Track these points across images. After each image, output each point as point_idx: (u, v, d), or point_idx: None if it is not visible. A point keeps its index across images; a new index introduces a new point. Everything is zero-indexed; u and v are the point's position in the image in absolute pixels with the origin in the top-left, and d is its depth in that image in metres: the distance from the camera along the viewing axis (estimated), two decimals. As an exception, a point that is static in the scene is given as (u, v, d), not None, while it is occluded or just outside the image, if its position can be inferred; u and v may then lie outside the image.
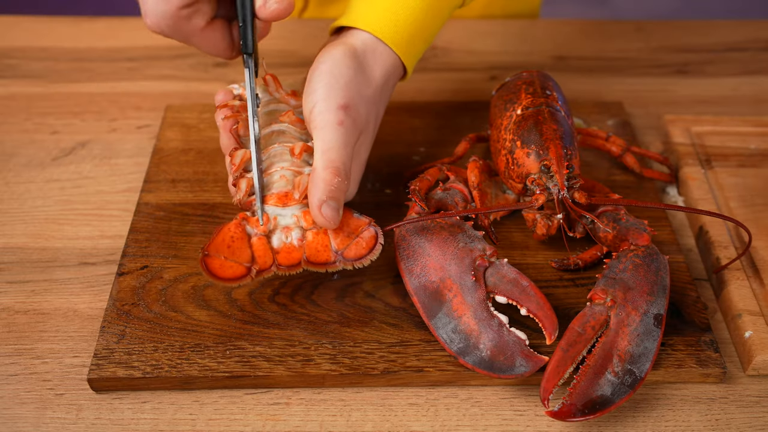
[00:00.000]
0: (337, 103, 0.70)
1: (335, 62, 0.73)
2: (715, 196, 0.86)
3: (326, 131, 0.69)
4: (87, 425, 0.66)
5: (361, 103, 0.72)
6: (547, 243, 0.80)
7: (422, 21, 0.77)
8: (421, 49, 0.80)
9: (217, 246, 0.65)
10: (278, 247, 0.66)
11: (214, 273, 0.64)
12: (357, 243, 0.67)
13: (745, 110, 1.03)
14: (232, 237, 0.65)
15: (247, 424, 0.66)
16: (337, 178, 0.68)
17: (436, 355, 0.69)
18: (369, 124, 0.75)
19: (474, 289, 0.69)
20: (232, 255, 0.64)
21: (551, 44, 1.16)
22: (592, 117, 0.98)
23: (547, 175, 0.75)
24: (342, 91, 0.71)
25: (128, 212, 0.84)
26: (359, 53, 0.74)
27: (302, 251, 0.66)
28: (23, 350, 0.71)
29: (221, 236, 0.65)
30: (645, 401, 0.69)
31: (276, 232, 0.66)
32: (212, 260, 0.64)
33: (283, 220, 0.67)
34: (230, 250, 0.65)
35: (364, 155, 0.76)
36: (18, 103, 1.01)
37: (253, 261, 0.65)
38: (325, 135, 0.69)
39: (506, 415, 0.67)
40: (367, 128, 0.74)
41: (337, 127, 0.69)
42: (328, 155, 0.68)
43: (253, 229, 0.66)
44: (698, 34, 1.18)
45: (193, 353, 0.69)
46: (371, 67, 0.75)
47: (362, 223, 0.67)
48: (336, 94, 0.71)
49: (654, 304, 0.69)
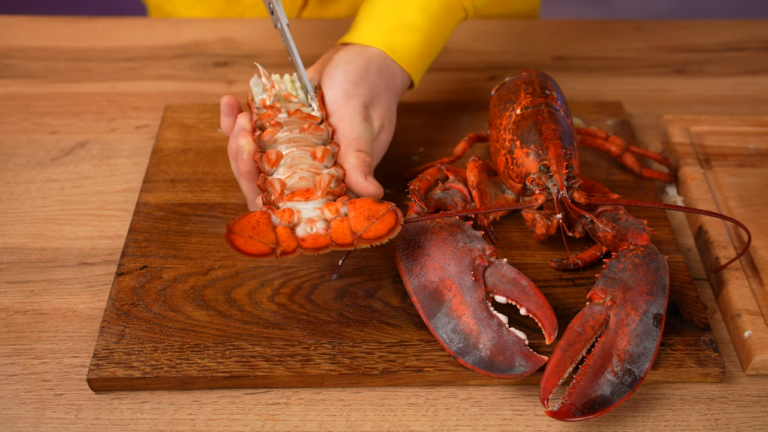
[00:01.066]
0: (362, 101, 0.76)
1: (362, 66, 0.78)
2: (715, 196, 0.86)
3: (353, 123, 0.75)
4: (86, 425, 0.66)
5: (381, 106, 0.79)
6: (547, 243, 0.80)
7: (430, 40, 0.83)
8: (428, 62, 0.86)
9: (242, 225, 0.65)
10: (303, 236, 0.66)
11: (239, 248, 0.63)
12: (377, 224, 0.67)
13: (744, 110, 1.03)
14: (258, 221, 0.65)
15: (247, 424, 0.66)
16: (368, 158, 0.74)
17: (435, 355, 0.69)
18: (386, 128, 0.80)
19: (473, 288, 0.69)
20: (257, 235, 0.64)
21: (551, 44, 1.16)
22: (591, 117, 0.98)
23: (546, 175, 0.75)
24: (369, 91, 0.77)
25: (127, 212, 0.84)
26: (380, 66, 0.80)
27: (328, 237, 0.66)
28: (23, 350, 0.71)
29: (247, 219, 0.65)
30: (644, 401, 0.69)
31: (300, 224, 0.66)
32: (237, 237, 0.64)
33: (306, 213, 0.67)
34: (255, 230, 0.64)
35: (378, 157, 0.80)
36: (17, 103, 1.01)
37: (277, 244, 0.64)
38: (353, 126, 0.75)
39: (506, 415, 0.67)
40: (384, 131, 0.79)
41: (363, 121, 0.76)
42: (357, 142, 0.74)
43: (278, 219, 0.66)
44: (698, 33, 1.19)
45: (193, 353, 0.69)
46: (388, 80, 0.80)
47: (383, 207, 0.67)
48: (363, 93, 0.77)
49: (653, 303, 0.69)
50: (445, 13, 0.84)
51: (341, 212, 0.67)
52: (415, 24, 0.82)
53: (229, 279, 0.76)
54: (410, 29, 0.82)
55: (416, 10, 0.82)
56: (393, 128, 0.81)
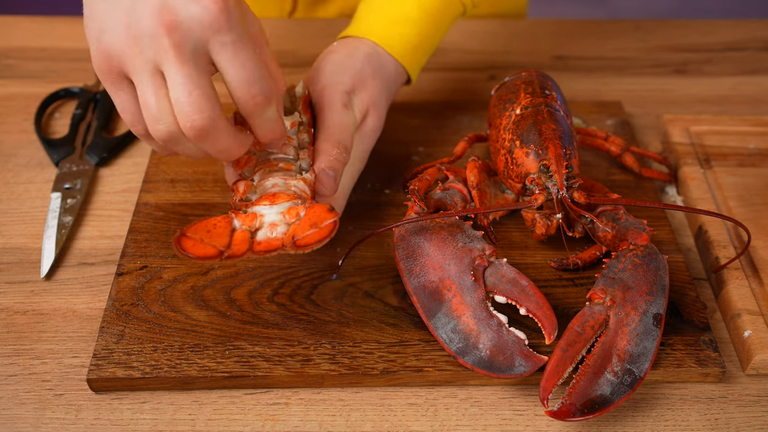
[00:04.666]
0: (344, 87, 0.76)
1: (346, 54, 0.79)
2: (714, 196, 0.86)
3: (331, 111, 0.75)
4: (86, 425, 0.66)
5: (365, 92, 0.78)
6: (547, 243, 0.80)
7: (426, 33, 0.84)
8: (424, 57, 0.86)
9: (196, 228, 0.65)
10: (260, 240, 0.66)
11: (184, 249, 0.63)
12: (313, 233, 0.66)
13: (743, 110, 1.03)
14: (215, 225, 0.65)
15: (247, 424, 0.66)
16: (335, 149, 0.72)
17: (435, 355, 0.69)
18: (371, 115, 0.79)
19: (473, 288, 0.69)
20: (209, 238, 0.64)
21: (550, 44, 1.16)
22: (591, 116, 0.98)
23: (546, 175, 0.75)
24: (350, 78, 0.77)
25: (127, 212, 0.84)
26: (369, 53, 0.80)
27: (280, 241, 0.66)
28: (22, 351, 0.71)
29: (204, 222, 0.65)
30: (644, 401, 0.69)
31: (263, 228, 0.66)
32: (187, 240, 0.64)
33: (270, 217, 0.67)
34: (209, 234, 0.65)
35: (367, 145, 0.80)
36: (17, 104, 1.01)
37: (228, 247, 0.64)
38: (330, 114, 0.75)
39: (505, 415, 0.67)
40: (370, 117, 0.79)
41: (342, 108, 0.75)
42: (330, 131, 0.74)
43: (239, 222, 0.66)
44: (697, 33, 1.19)
45: (193, 353, 0.69)
46: (377, 68, 0.80)
47: (329, 217, 0.67)
48: (344, 80, 0.77)
49: (653, 303, 0.69)
50: (442, 8, 0.85)
51: (300, 216, 0.67)
52: (411, 17, 0.82)
53: (228, 279, 0.76)
54: (406, 22, 0.82)
55: (413, 4, 0.83)
56: (382, 116, 0.81)
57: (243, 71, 0.63)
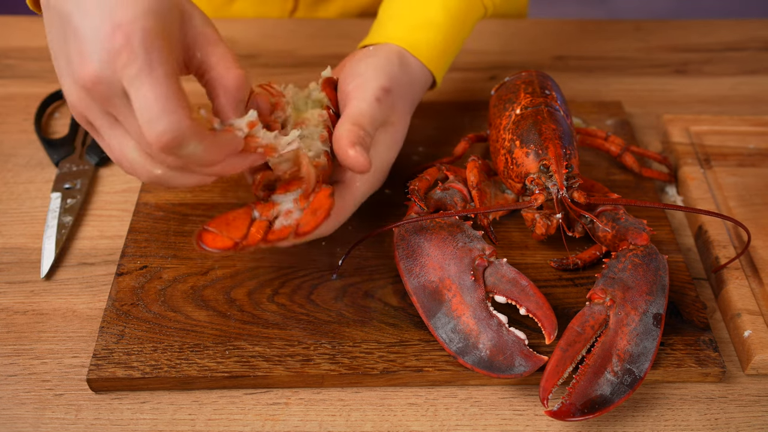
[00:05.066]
0: (380, 83, 0.74)
1: (383, 58, 0.77)
2: (714, 196, 0.86)
3: (361, 102, 0.72)
4: (86, 425, 0.66)
5: (399, 93, 0.76)
6: (546, 242, 0.80)
7: (451, 37, 0.83)
8: (449, 60, 0.85)
9: (218, 222, 0.66)
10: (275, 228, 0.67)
11: (204, 243, 0.64)
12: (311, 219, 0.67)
13: (743, 110, 1.03)
14: (235, 217, 0.66)
15: (247, 424, 0.66)
16: (361, 131, 0.69)
17: (435, 355, 0.69)
18: (400, 119, 0.77)
19: (473, 288, 0.69)
20: (228, 230, 0.65)
21: (550, 44, 1.16)
22: (591, 116, 0.98)
23: (546, 175, 0.75)
24: (387, 77, 0.75)
25: (127, 212, 0.84)
26: (401, 60, 0.78)
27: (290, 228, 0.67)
28: (22, 351, 0.71)
29: (225, 215, 0.67)
30: (644, 401, 0.69)
31: (279, 218, 0.67)
32: (207, 234, 0.65)
33: (285, 205, 0.67)
34: (228, 227, 0.66)
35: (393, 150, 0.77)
36: (17, 104, 1.01)
37: (244, 238, 0.65)
38: (359, 104, 0.72)
39: (505, 415, 0.67)
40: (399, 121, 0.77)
41: (373, 101, 0.72)
42: (354, 118, 0.70)
43: (258, 213, 0.67)
44: (697, 33, 1.19)
45: (193, 353, 0.69)
46: (408, 72, 0.79)
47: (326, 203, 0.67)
48: (381, 77, 0.74)
49: (653, 303, 0.69)
50: (465, 10, 0.84)
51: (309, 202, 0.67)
52: (436, 21, 0.81)
53: (228, 279, 0.76)
54: (432, 27, 0.81)
55: (437, 8, 0.81)
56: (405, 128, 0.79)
57: (145, 107, 0.56)
